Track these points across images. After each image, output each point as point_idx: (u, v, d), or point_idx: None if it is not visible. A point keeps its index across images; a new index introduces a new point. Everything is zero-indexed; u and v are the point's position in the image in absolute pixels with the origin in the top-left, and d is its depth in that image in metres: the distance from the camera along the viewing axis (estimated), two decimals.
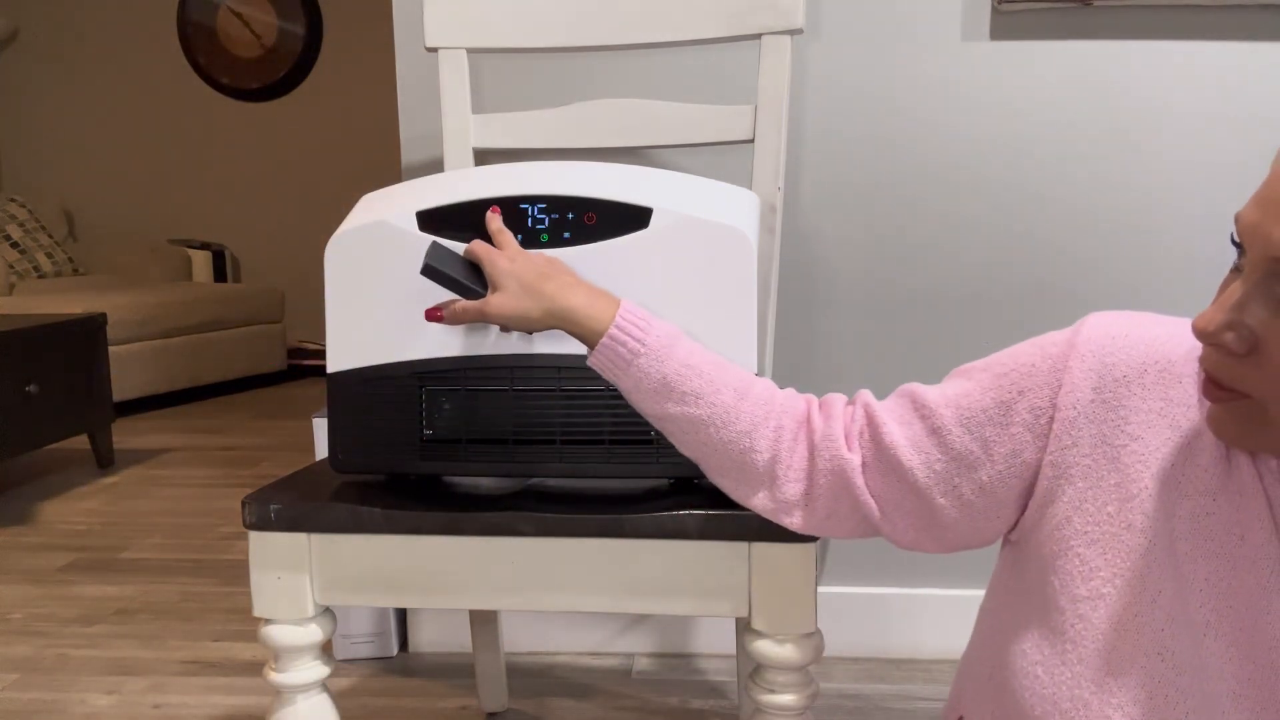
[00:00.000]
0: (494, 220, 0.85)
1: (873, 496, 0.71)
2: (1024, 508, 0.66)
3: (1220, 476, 0.59)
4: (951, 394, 0.69)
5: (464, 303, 0.81)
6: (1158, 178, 1.43)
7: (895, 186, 1.46)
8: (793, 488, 0.74)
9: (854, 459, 0.72)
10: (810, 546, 0.83)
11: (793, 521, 0.75)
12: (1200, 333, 0.53)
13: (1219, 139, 1.41)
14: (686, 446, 0.77)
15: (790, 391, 0.77)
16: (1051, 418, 0.63)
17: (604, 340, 0.75)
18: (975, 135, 1.44)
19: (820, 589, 1.56)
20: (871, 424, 0.72)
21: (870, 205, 1.47)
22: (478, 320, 0.81)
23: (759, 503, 0.75)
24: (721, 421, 0.74)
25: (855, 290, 1.49)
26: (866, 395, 0.74)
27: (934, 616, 1.56)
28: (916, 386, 0.72)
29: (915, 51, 1.43)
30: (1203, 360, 0.56)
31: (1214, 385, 0.55)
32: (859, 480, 0.71)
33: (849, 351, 1.50)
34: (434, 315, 0.83)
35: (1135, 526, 0.60)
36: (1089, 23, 1.40)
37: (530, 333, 0.83)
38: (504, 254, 0.81)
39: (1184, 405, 0.61)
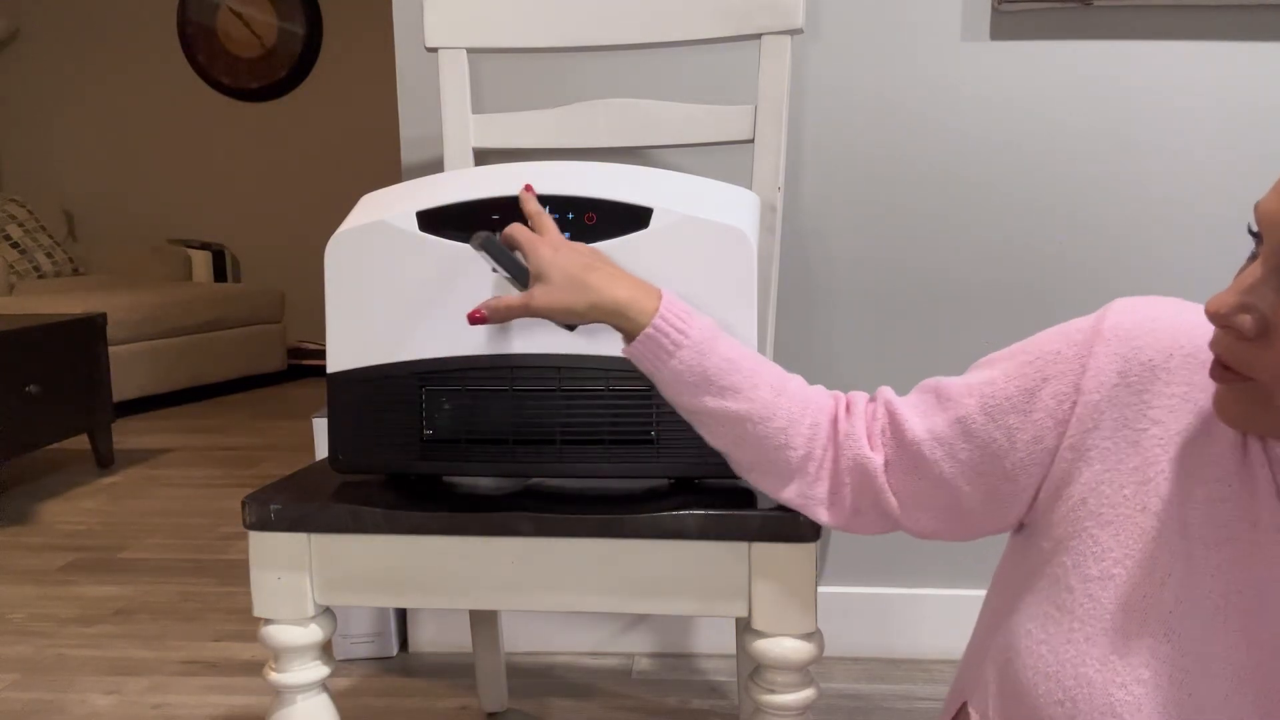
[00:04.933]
0: (530, 201, 0.81)
1: (894, 494, 0.73)
2: (1039, 490, 0.66)
3: (1236, 462, 0.59)
4: (975, 383, 0.69)
5: (506, 299, 0.77)
6: (1158, 177, 1.43)
7: (895, 186, 1.46)
8: (820, 486, 0.75)
9: (876, 458, 0.72)
10: (810, 546, 0.83)
11: (820, 516, 0.77)
12: (1213, 315, 0.53)
13: (1219, 138, 1.41)
14: (719, 439, 0.77)
15: (820, 389, 0.77)
16: (1075, 402, 0.64)
17: (647, 331, 0.74)
18: (975, 135, 1.44)
19: (820, 589, 1.56)
20: (893, 421, 0.72)
21: (870, 205, 1.47)
22: (521, 315, 0.77)
23: (789, 495, 0.77)
24: (759, 417, 0.74)
25: (855, 290, 1.49)
26: (888, 392, 0.75)
27: (934, 616, 1.56)
28: (939, 379, 0.72)
29: (915, 51, 1.43)
30: (1213, 344, 0.56)
31: (1221, 367, 0.55)
32: (881, 479, 0.72)
33: (849, 351, 1.50)
34: (476, 317, 0.78)
35: (1150, 509, 0.60)
36: (1089, 23, 1.40)
37: (570, 327, 0.80)
38: (546, 242, 0.77)
39: (1209, 391, 0.61)
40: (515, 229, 0.79)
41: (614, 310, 0.75)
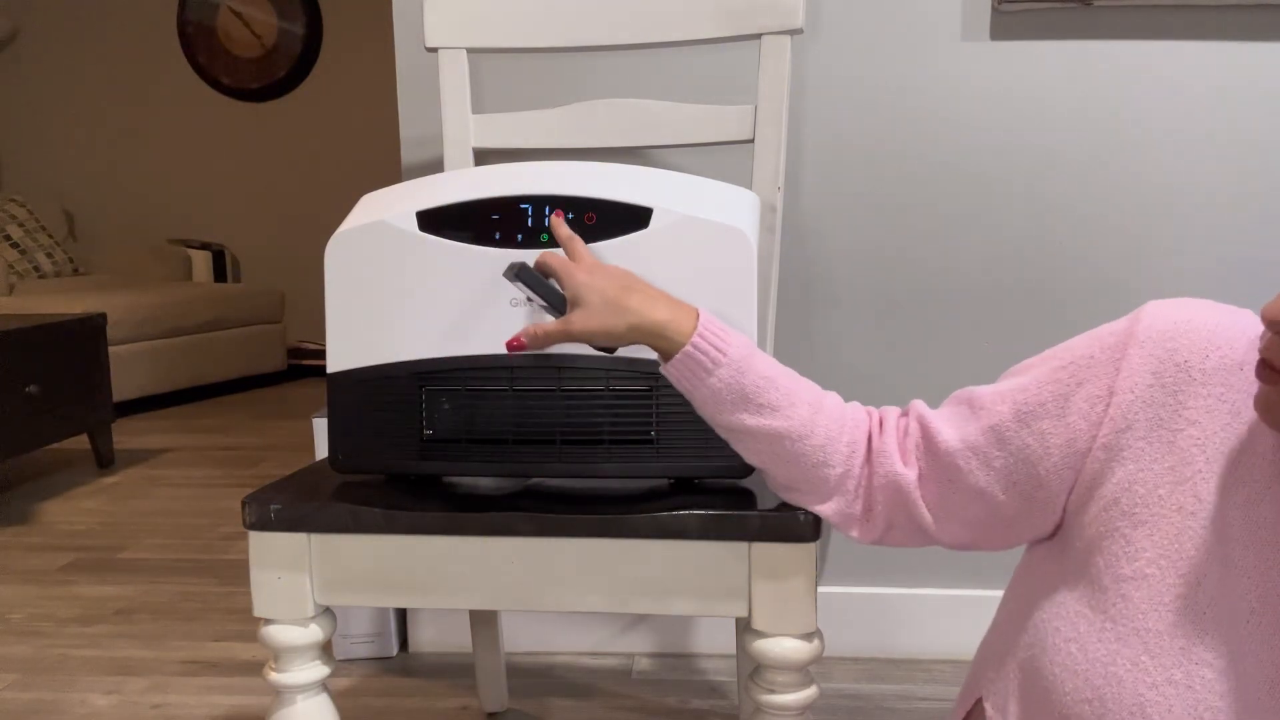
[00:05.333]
0: (562, 227, 0.81)
1: (928, 508, 0.73)
2: (1071, 491, 0.67)
3: (1276, 464, 0.59)
4: (1007, 390, 0.69)
5: (545, 325, 0.78)
6: (1157, 178, 1.43)
7: (895, 186, 1.46)
8: (858, 503, 0.76)
9: (909, 474, 0.73)
10: (810, 546, 0.83)
11: (853, 534, 0.78)
12: (1272, 321, 0.53)
13: (1219, 138, 1.41)
14: (756, 456, 0.78)
15: (856, 405, 0.78)
16: (1108, 403, 0.64)
17: (686, 349, 0.75)
18: (975, 135, 1.44)
19: (820, 589, 1.56)
20: (926, 433, 0.73)
21: (870, 205, 1.47)
22: (562, 341, 0.78)
23: (828, 511, 0.78)
24: (797, 435, 0.75)
25: (855, 290, 1.49)
26: (920, 406, 0.75)
27: (935, 616, 1.56)
28: (970, 389, 0.73)
29: (915, 51, 1.43)
30: (1263, 348, 0.56)
31: (1268, 368, 0.55)
32: (915, 494, 0.73)
33: (849, 351, 1.50)
34: (515, 345, 0.79)
35: (1186, 509, 0.60)
36: (1089, 23, 1.40)
37: (609, 350, 0.81)
38: (581, 266, 0.78)
39: (1246, 392, 0.61)
40: (549, 256, 0.79)
41: (654, 331, 0.76)
